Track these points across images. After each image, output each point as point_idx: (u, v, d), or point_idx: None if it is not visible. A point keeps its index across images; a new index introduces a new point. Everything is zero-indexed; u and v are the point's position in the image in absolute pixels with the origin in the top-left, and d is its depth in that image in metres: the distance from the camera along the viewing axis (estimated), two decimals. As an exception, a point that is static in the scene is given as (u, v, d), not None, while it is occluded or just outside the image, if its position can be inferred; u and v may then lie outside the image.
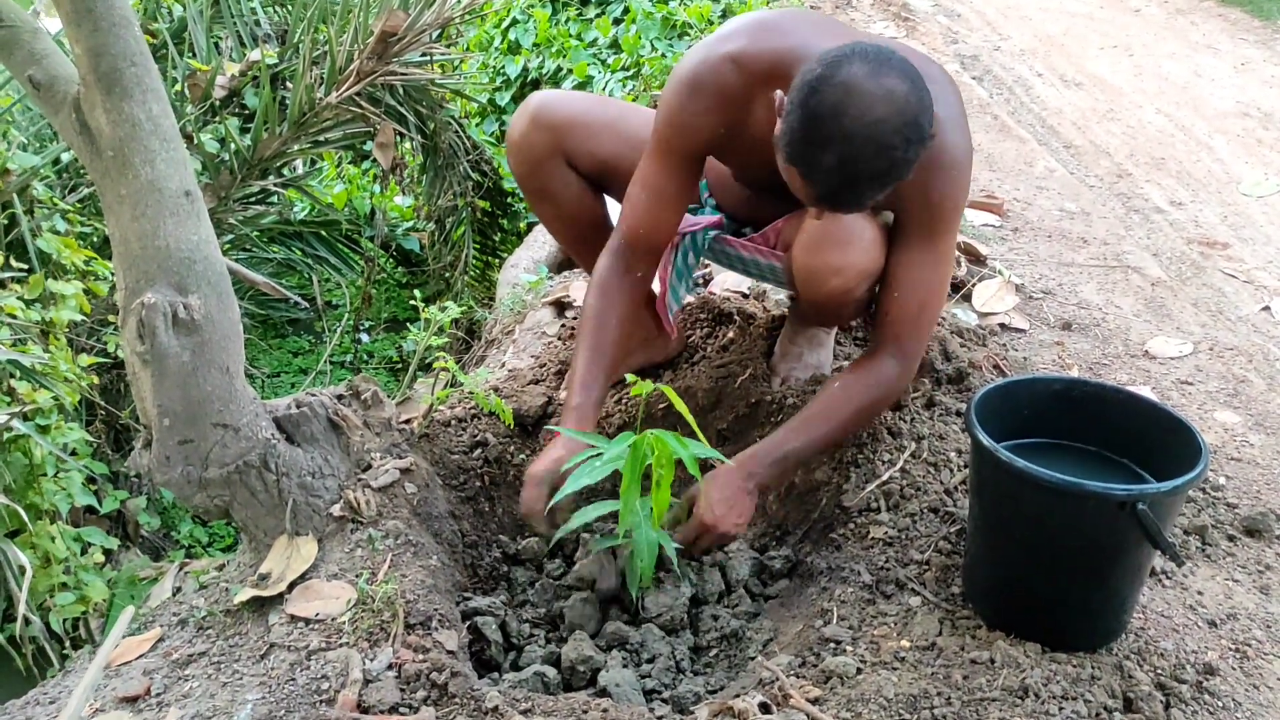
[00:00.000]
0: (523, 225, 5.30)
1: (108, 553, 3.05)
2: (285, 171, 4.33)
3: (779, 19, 2.04)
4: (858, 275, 2.08)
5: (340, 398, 2.09)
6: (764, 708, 1.60)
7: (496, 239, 5.42)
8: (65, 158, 3.54)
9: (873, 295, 2.23)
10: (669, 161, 2.09)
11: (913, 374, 2.16)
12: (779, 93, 1.79)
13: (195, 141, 3.61)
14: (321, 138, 3.95)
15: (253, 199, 4.03)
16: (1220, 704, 1.70)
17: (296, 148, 3.88)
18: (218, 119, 3.80)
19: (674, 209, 2.16)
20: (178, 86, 3.87)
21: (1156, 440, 1.79)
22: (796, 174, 1.75)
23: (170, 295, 1.72)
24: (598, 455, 1.88)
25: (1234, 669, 1.81)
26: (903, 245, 2.04)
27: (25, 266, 2.96)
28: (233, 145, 3.68)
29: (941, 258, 2.04)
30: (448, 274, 5.13)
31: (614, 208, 2.42)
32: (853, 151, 1.66)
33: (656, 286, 2.43)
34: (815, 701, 1.65)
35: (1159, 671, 1.73)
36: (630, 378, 2.02)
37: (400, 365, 5.35)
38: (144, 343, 1.71)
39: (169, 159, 1.71)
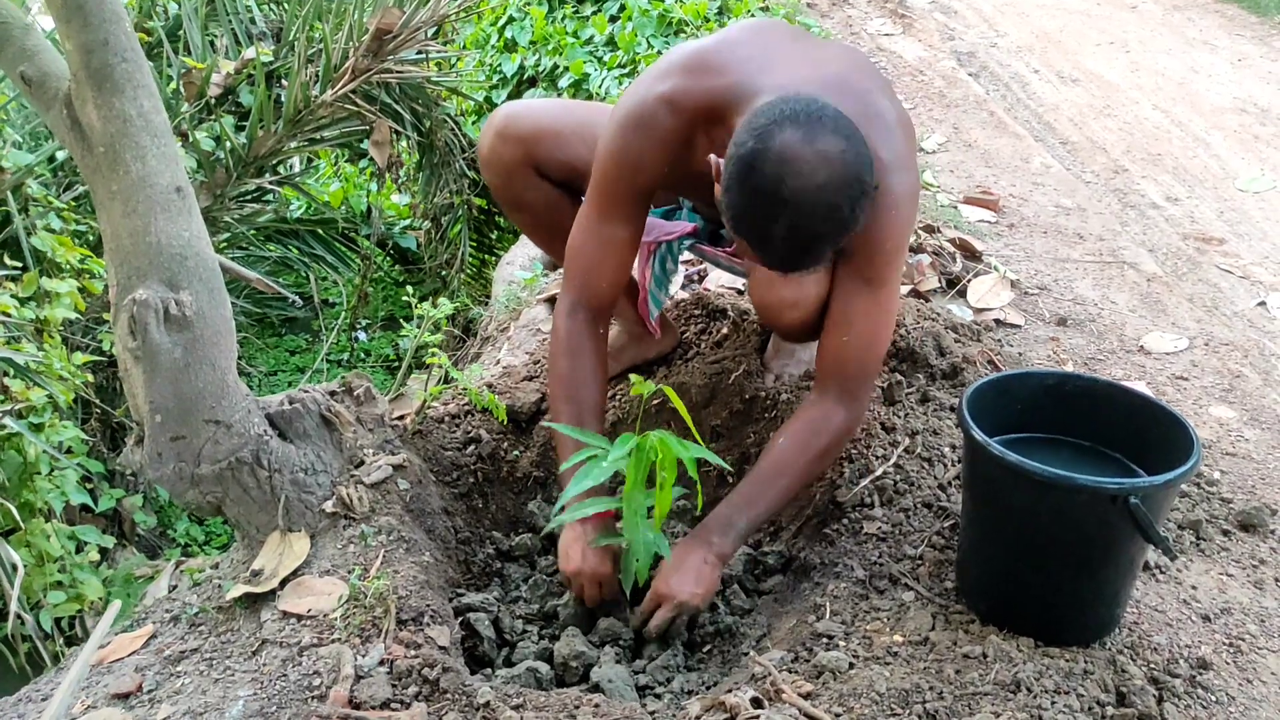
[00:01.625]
0: (518, 223, 5.29)
1: (104, 551, 3.05)
2: (281, 169, 4.34)
3: (716, 52, 1.95)
4: (814, 304, 2.04)
5: (333, 394, 2.09)
6: (756, 702, 1.60)
7: (493, 237, 5.41)
8: (60, 156, 3.54)
9: None
10: (615, 207, 2.03)
11: (861, 416, 2.09)
12: (714, 158, 1.77)
13: (190, 139, 3.61)
14: (317, 136, 3.95)
15: (248, 197, 4.03)
16: (1214, 698, 1.70)
17: (292, 146, 3.88)
18: (213, 117, 3.80)
19: (627, 256, 2.10)
20: (173, 84, 3.87)
21: (1149, 435, 1.79)
22: (747, 245, 1.74)
23: (162, 292, 1.72)
24: (601, 455, 1.88)
25: (1228, 663, 1.81)
26: (846, 287, 1.98)
27: (20, 264, 2.96)
28: (228, 143, 3.67)
29: (886, 298, 1.98)
30: (444, 272, 5.12)
31: None
32: (800, 220, 1.64)
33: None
34: (807, 696, 1.65)
35: (1152, 666, 1.73)
36: (633, 377, 2.02)
37: (397, 363, 5.34)
38: (136, 339, 1.71)
39: (160, 155, 1.71)
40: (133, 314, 1.70)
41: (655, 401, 2.43)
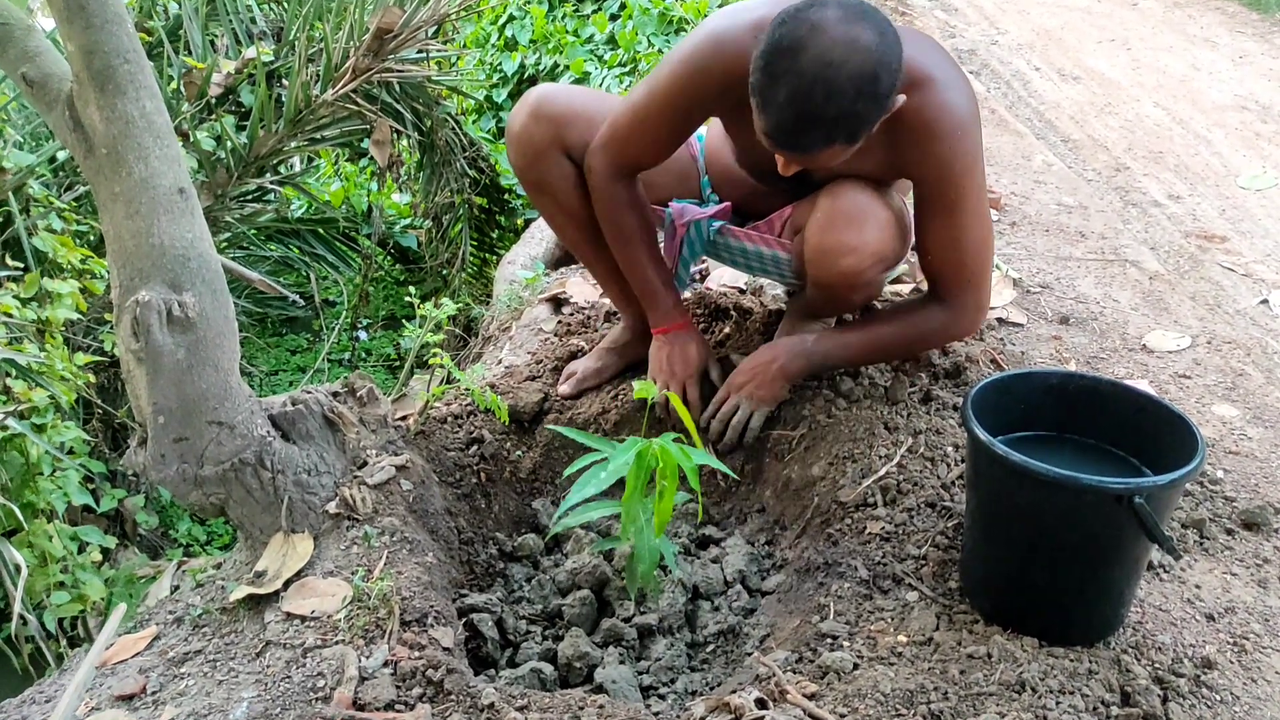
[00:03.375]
0: (520, 222, 5.30)
1: (106, 551, 3.05)
2: (282, 169, 4.34)
3: None
4: (871, 256, 2.09)
5: (336, 395, 2.09)
6: (760, 703, 1.60)
7: (494, 236, 5.41)
8: (61, 156, 3.54)
9: (882, 282, 2.25)
10: (668, 112, 2.09)
11: (964, 323, 2.20)
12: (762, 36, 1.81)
13: (191, 139, 3.61)
14: (318, 135, 3.95)
15: (249, 197, 4.03)
16: (1218, 698, 1.70)
17: (293, 145, 3.88)
18: (214, 117, 3.80)
19: (663, 153, 2.21)
20: (174, 84, 3.87)
21: (1153, 434, 1.79)
22: (755, 105, 1.77)
23: (165, 293, 1.72)
24: (602, 462, 1.87)
25: (1232, 663, 1.81)
26: (928, 216, 2.06)
27: (21, 265, 2.96)
28: (229, 143, 3.67)
29: (970, 217, 2.03)
30: (445, 271, 5.12)
31: None
32: (802, 90, 1.68)
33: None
34: (812, 697, 1.64)
35: (1156, 665, 1.73)
36: (636, 383, 2.02)
37: (398, 363, 5.34)
38: (139, 340, 1.71)
39: (162, 156, 1.70)
40: (136, 315, 1.69)
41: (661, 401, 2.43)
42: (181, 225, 1.73)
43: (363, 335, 5.71)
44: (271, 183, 4.00)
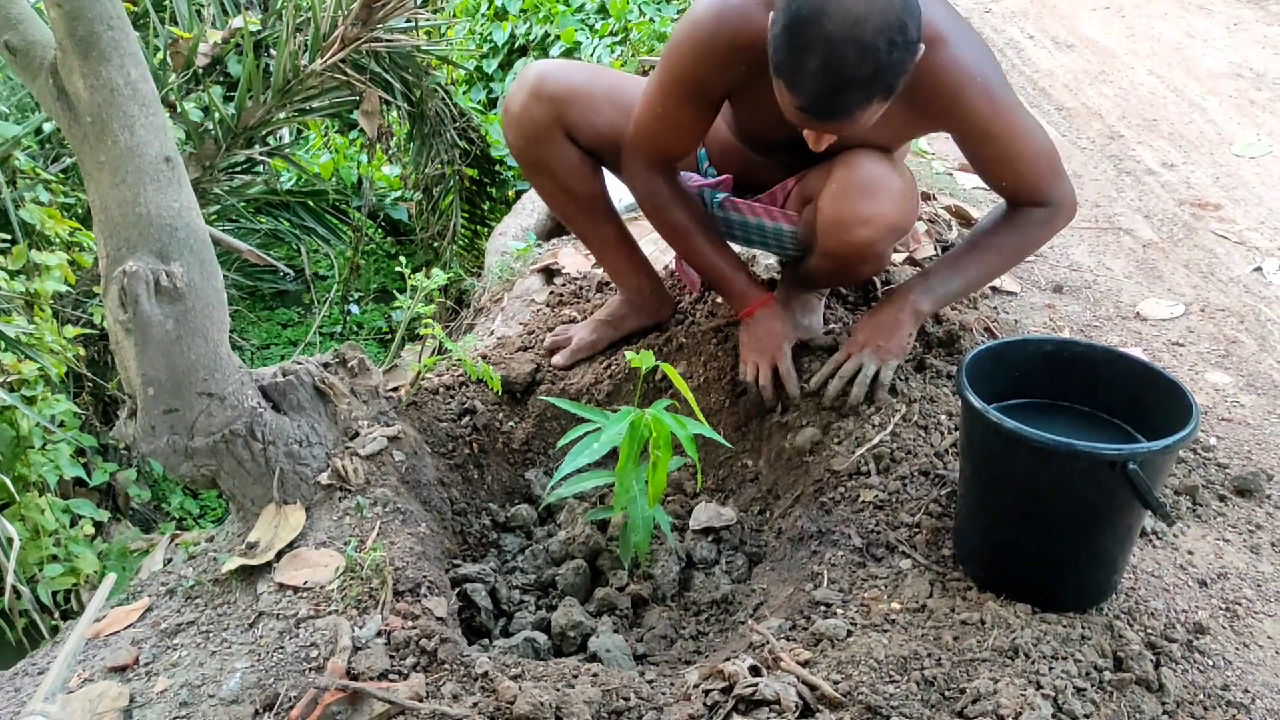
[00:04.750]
0: (511, 193, 5.27)
1: (98, 525, 3.04)
2: (271, 141, 4.30)
3: None
4: (886, 227, 2.08)
5: (327, 365, 2.08)
6: (754, 671, 1.60)
7: (485, 207, 5.38)
8: (47, 128, 3.50)
9: (890, 254, 2.23)
10: (683, 98, 2.06)
11: (1064, 206, 2.14)
12: (772, 14, 1.76)
13: (178, 110, 3.57)
14: (307, 106, 3.91)
15: (238, 168, 3.99)
16: (1210, 662, 1.71)
17: (282, 116, 3.84)
18: (201, 87, 3.76)
19: (695, 137, 2.18)
20: (160, 54, 3.82)
21: (1147, 400, 1.78)
22: (783, 86, 1.75)
23: (152, 263, 1.70)
24: (596, 433, 1.87)
25: (1224, 628, 1.81)
26: (984, 152, 2.04)
27: (8, 237, 2.93)
28: (216, 114, 3.63)
29: (1022, 134, 2.01)
30: (436, 243, 5.09)
31: (612, 182, 2.40)
32: (835, 54, 1.65)
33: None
34: (806, 664, 1.65)
35: (1149, 631, 1.73)
36: (629, 353, 2.01)
37: (390, 336, 5.32)
38: (126, 311, 1.70)
39: (148, 124, 1.68)
40: (123, 286, 1.68)
41: (661, 376, 2.42)
42: (168, 194, 1.71)
43: (354, 309, 5.69)
44: (260, 154, 3.96)
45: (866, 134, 1.95)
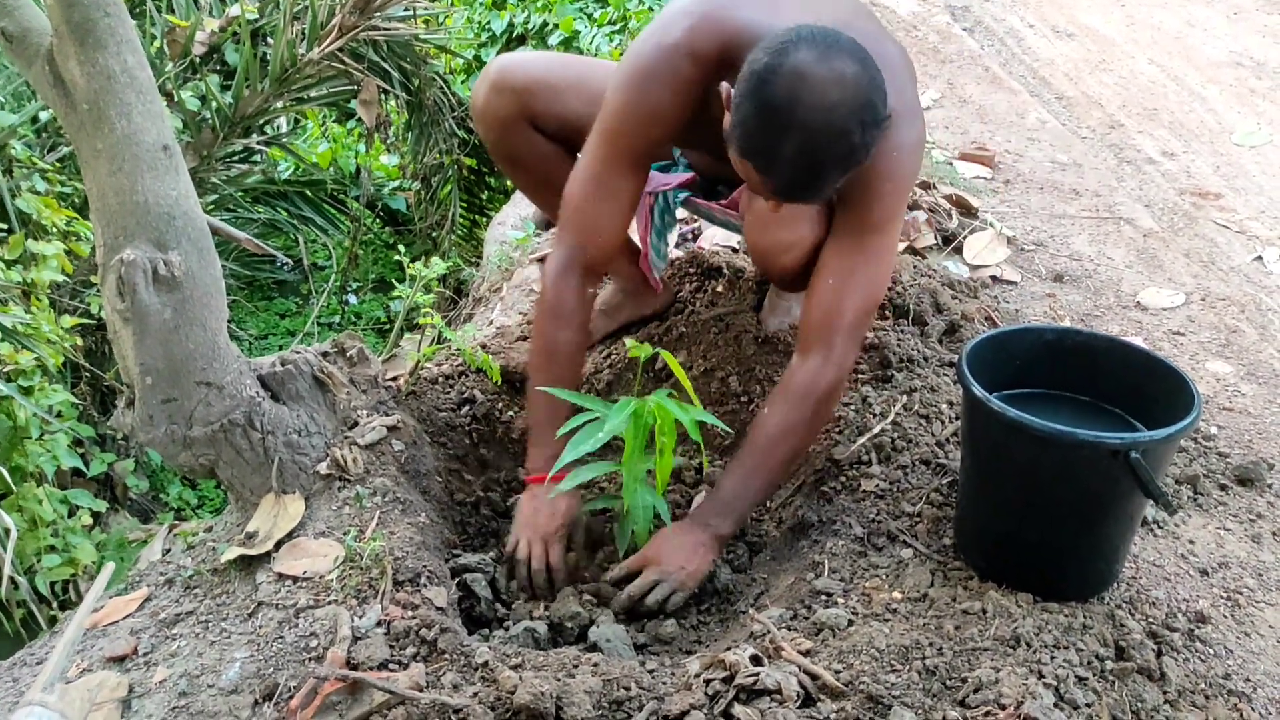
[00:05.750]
0: (510, 183, 5.25)
1: (96, 516, 3.04)
2: (268, 130, 4.27)
3: None
4: (809, 248, 2.02)
5: (326, 355, 2.07)
6: (755, 660, 1.59)
7: (484, 197, 5.36)
8: (44, 116, 3.48)
9: None
10: (624, 160, 1.99)
11: (849, 371, 2.03)
12: (725, 85, 1.73)
13: (176, 99, 3.55)
14: (304, 95, 3.89)
15: (236, 158, 3.98)
16: (1212, 651, 1.70)
17: (279, 105, 3.83)
18: (198, 76, 3.74)
19: (629, 210, 2.06)
20: (157, 43, 3.80)
21: (1149, 389, 1.78)
22: (752, 169, 1.70)
23: (150, 252, 1.69)
24: (597, 422, 1.86)
25: (1225, 617, 1.81)
26: (842, 234, 1.95)
27: (4, 227, 2.92)
28: (214, 103, 3.62)
29: (882, 248, 1.95)
30: (434, 233, 5.08)
31: None
32: (811, 140, 1.62)
33: (639, 243, 2.41)
34: (807, 653, 1.64)
35: (1151, 620, 1.73)
36: (629, 342, 2.00)
37: (388, 326, 5.30)
38: (124, 300, 1.68)
39: (145, 112, 1.67)
40: (120, 274, 1.67)
41: (660, 366, 2.41)
42: (166, 183, 1.70)
43: (352, 299, 5.67)
44: (258, 143, 3.94)
45: None
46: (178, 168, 1.72)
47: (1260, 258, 3.26)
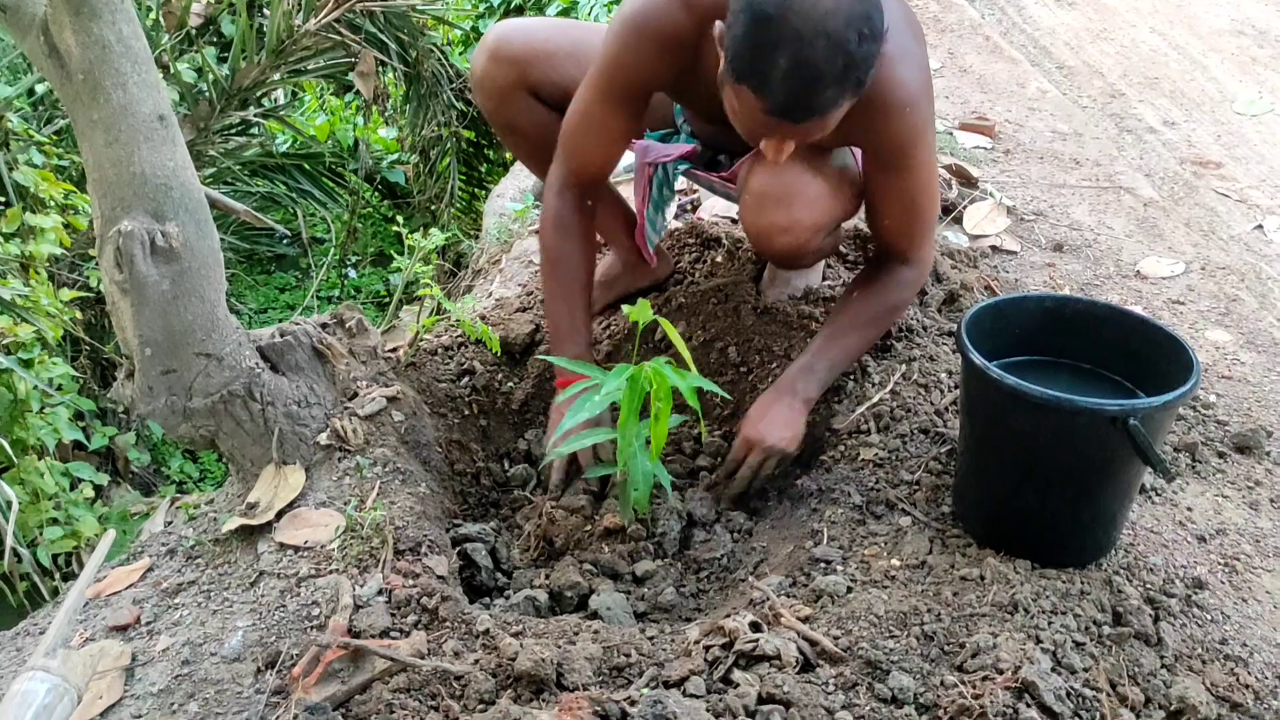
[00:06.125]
0: (509, 155, 5.23)
1: (98, 489, 3.05)
2: (266, 102, 4.26)
3: None
4: (807, 230, 2.02)
5: (325, 326, 2.07)
6: (755, 627, 1.60)
7: (482, 170, 5.35)
8: (40, 89, 3.47)
9: (835, 240, 2.21)
10: (613, 103, 2.02)
11: (927, 268, 2.18)
12: (718, 23, 1.71)
13: (172, 71, 3.54)
14: (301, 67, 3.88)
15: (233, 130, 3.97)
16: (1209, 617, 1.71)
17: (276, 77, 3.82)
18: (194, 48, 3.73)
19: (620, 144, 2.12)
20: (153, 15, 3.78)
21: (1148, 356, 1.78)
22: (748, 92, 1.66)
23: (147, 223, 1.68)
24: (596, 388, 1.86)
25: (1223, 583, 1.82)
26: (880, 181, 2.01)
27: (2, 200, 2.92)
28: (210, 75, 3.61)
29: (918, 178, 1.97)
30: (433, 206, 5.07)
31: None
32: (805, 51, 1.58)
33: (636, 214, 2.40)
34: (806, 620, 1.65)
35: (1148, 586, 1.74)
36: (626, 307, 1.99)
37: (388, 300, 5.30)
38: (122, 271, 1.68)
39: (141, 82, 1.66)
40: (118, 245, 1.67)
41: (660, 336, 2.41)
42: (162, 153, 1.69)
43: (351, 272, 5.67)
44: (255, 116, 3.93)
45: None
46: (174, 138, 1.72)
47: (1260, 226, 3.26)
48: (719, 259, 2.61)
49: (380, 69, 4.40)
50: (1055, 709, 1.47)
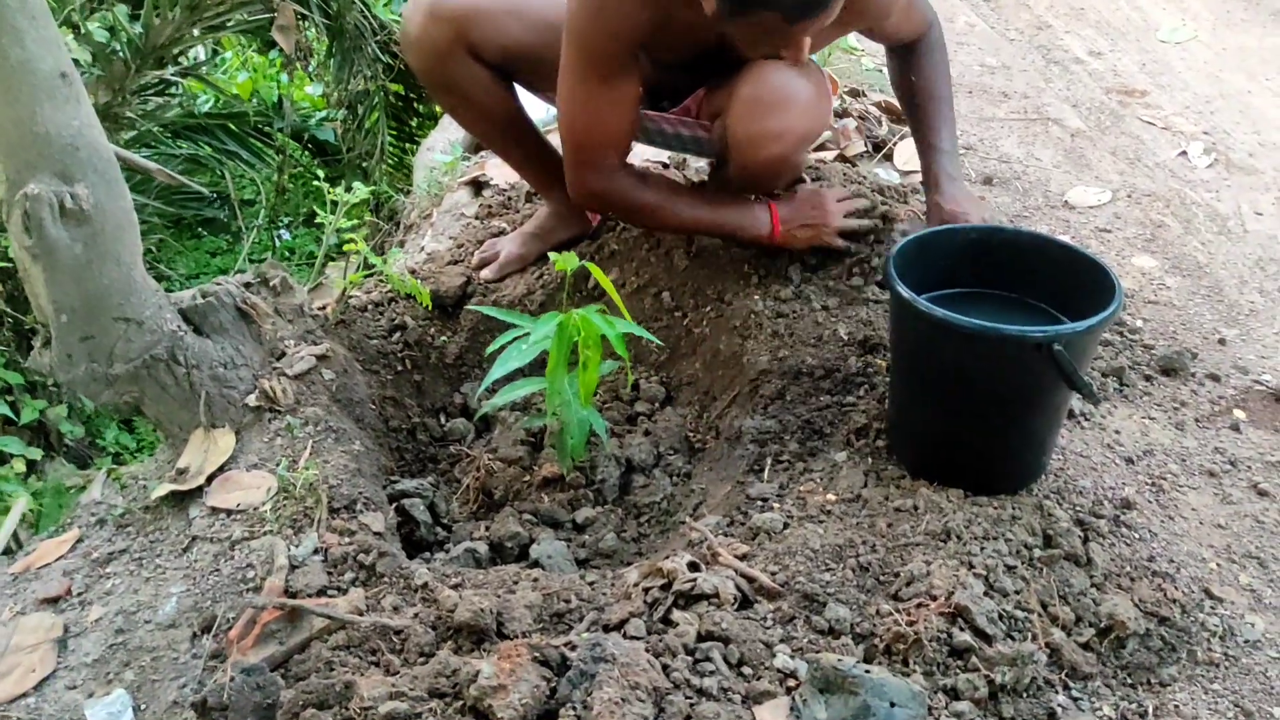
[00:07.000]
0: (438, 108, 5.15)
1: (31, 464, 3.00)
2: (184, 61, 4.15)
3: None
4: (796, 139, 2.04)
5: (248, 285, 2.03)
6: (693, 566, 1.61)
7: (413, 124, 5.27)
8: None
9: (805, 161, 2.21)
10: (611, 68, 1.99)
11: (937, 21, 2.29)
12: None
13: (82, 31, 3.43)
14: (219, 22, 3.78)
15: (151, 91, 3.86)
16: (1136, 535, 1.75)
17: (194, 33, 3.71)
18: (105, 6, 3.60)
19: (633, 108, 2.10)
20: (59, -27, 3.65)
21: (1073, 284, 1.79)
22: (762, 13, 1.69)
23: (55, 185, 1.64)
24: (525, 336, 1.84)
25: (1150, 502, 1.86)
26: (878, 26, 2.17)
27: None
28: (123, 34, 3.50)
29: None
30: (364, 163, 4.98)
31: (525, 96, 2.34)
32: None
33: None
34: (743, 558, 1.66)
35: (1078, 509, 1.77)
36: (553, 255, 1.97)
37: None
38: (31, 236, 1.64)
39: (39, 39, 1.60)
40: (26, 210, 1.62)
41: (594, 284, 2.39)
42: (66, 112, 1.64)
43: (284, 234, 5.57)
44: (173, 75, 3.83)
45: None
46: (78, 96, 1.67)
47: (1185, 153, 3.30)
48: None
49: (301, 23, 4.29)
50: (988, 631, 1.50)
